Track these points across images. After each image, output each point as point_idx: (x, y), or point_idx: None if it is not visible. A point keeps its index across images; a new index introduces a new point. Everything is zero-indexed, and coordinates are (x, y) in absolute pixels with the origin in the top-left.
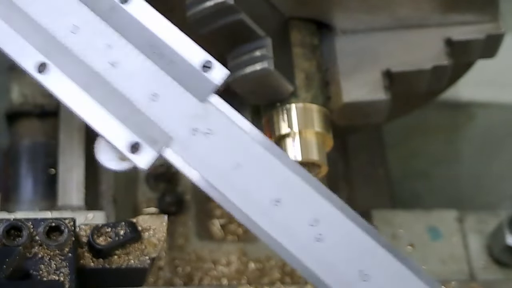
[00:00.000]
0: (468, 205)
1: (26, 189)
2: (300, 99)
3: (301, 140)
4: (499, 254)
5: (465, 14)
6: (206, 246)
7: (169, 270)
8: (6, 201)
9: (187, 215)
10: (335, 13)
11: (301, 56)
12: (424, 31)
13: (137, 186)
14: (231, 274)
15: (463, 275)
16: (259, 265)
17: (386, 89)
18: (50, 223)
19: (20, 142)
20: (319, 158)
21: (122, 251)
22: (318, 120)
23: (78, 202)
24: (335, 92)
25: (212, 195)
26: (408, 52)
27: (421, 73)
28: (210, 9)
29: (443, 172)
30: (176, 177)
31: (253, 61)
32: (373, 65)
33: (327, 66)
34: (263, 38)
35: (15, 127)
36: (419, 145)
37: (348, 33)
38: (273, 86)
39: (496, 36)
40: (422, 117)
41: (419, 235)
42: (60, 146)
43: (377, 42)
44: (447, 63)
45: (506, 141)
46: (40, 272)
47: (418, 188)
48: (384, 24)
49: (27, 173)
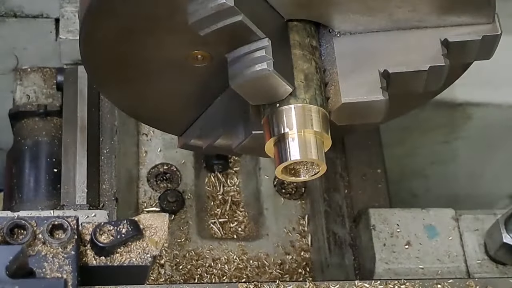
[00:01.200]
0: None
1: (29, 188)
2: (299, 99)
3: (300, 140)
4: (496, 252)
5: (462, 15)
6: (207, 244)
7: (170, 268)
8: (9, 200)
9: (187, 214)
10: (334, 15)
11: (300, 57)
12: (421, 33)
13: (138, 185)
14: (231, 272)
15: (460, 273)
16: (259, 263)
17: (384, 90)
18: (53, 221)
19: (23, 141)
20: (318, 157)
21: (124, 249)
22: (317, 120)
23: (80, 201)
24: (333, 93)
25: None
26: (405, 53)
27: (418, 74)
28: (210, 11)
29: (440, 172)
30: (177, 176)
31: (253, 62)
32: (371, 66)
33: (325, 67)
34: (262, 39)
35: (18, 126)
36: (416, 144)
37: (347, 34)
38: (273, 87)
39: (492, 37)
40: (420, 117)
41: (417, 234)
42: (63, 145)
43: (375, 44)
44: (444, 64)
45: (502, 141)
46: (43, 270)
47: (416, 187)
48: (382, 26)
49: (30, 172)
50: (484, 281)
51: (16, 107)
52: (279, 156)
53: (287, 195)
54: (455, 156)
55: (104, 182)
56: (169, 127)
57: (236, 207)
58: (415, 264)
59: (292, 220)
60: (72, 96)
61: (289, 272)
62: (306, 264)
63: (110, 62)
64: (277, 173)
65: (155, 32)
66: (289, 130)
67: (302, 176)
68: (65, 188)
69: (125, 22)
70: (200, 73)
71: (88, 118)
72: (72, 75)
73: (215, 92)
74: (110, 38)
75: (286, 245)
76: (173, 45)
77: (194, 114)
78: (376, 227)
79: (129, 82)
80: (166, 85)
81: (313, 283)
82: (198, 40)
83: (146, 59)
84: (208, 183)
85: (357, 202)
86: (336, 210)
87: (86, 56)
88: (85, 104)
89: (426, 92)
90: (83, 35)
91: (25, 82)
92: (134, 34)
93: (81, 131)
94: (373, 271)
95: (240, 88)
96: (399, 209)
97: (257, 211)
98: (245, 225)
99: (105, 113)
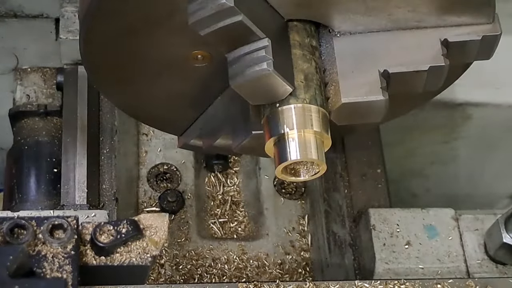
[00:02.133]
0: (465, 204)
1: (29, 188)
2: (299, 99)
3: (300, 140)
4: (495, 252)
5: (462, 15)
6: (207, 244)
7: (170, 268)
8: (9, 200)
9: (187, 214)
10: (334, 15)
11: (300, 57)
12: (421, 33)
13: (138, 185)
14: (231, 272)
15: (460, 273)
16: (259, 263)
17: (384, 90)
18: (53, 221)
19: (24, 141)
20: (318, 157)
21: (124, 248)
22: (317, 120)
23: (80, 201)
24: (333, 93)
25: None
26: (405, 53)
27: (418, 74)
28: (210, 11)
29: (440, 172)
30: (177, 176)
31: (253, 62)
32: (371, 66)
33: (325, 67)
34: (262, 39)
35: (18, 126)
36: (416, 144)
37: (347, 34)
38: (273, 86)
39: (492, 37)
40: (419, 117)
41: (416, 234)
42: (63, 145)
43: (375, 44)
44: (444, 64)
45: (502, 141)
46: (44, 270)
47: (415, 187)
48: (382, 26)
49: (30, 172)
50: (484, 281)
51: (16, 107)
52: (279, 156)
53: (287, 195)
54: (455, 156)
55: (104, 182)
56: (169, 127)
57: (236, 207)
58: (415, 264)
59: (292, 220)
60: (72, 96)
61: (289, 272)
62: (306, 264)
63: (110, 62)
64: (277, 173)
65: (155, 32)
66: (289, 130)
67: (302, 176)
68: (65, 188)
69: (125, 22)
70: (200, 73)
71: (88, 118)
72: (72, 75)
73: (215, 92)
74: (110, 38)
75: (286, 245)
76: (173, 45)
77: (194, 114)
78: (376, 227)
79: (129, 82)
80: (166, 85)
81: (313, 283)
82: (198, 40)
83: (146, 59)
84: (208, 183)
85: (357, 202)
86: (336, 210)
87: (86, 56)
88: (85, 104)
89: (426, 92)
90: (83, 35)
91: (25, 82)
92: (134, 34)
93: (81, 131)
94: (373, 271)
95: (240, 88)
96: (399, 209)
97: (257, 211)
98: (245, 225)
99: (105, 113)
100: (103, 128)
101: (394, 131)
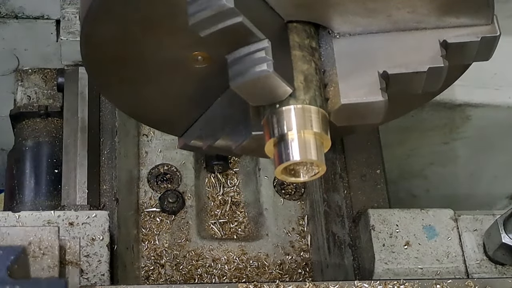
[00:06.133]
0: (464, 205)
1: (30, 188)
2: (299, 100)
3: (300, 140)
4: (494, 253)
5: (461, 17)
6: (207, 244)
7: (170, 268)
8: (10, 200)
9: (188, 214)
10: (333, 17)
11: (300, 58)
12: (420, 34)
13: (139, 186)
14: (231, 272)
15: (459, 273)
16: (259, 264)
17: (383, 91)
18: None
19: (24, 142)
20: (318, 158)
21: None
22: (317, 121)
23: (81, 201)
24: (333, 94)
25: None
26: (404, 54)
27: (417, 75)
28: (210, 12)
29: (439, 172)
30: (177, 176)
31: (253, 63)
32: (370, 67)
33: (325, 68)
34: (262, 40)
35: (19, 127)
36: (415, 145)
37: (346, 35)
38: (273, 87)
39: (491, 38)
40: (419, 118)
41: (416, 234)
42: (64, 146)
43: (374, 45)
44: (443, 65)
45: (501, 142)
46: None
47: (415, 188)
48: (381, 27)
49: (31, 173)
50: (483, 281)
51: (17, 108)
52: (279, 156)
53: (286, 195)
54: (454, 156)
55: (104, 182)
56: (169, 128)
57: (236, 208)
58: (414, 264)
59: (292, 220)
60: (72, 97)
61: (288, 272)
62: (305, 264)
63: (110, 63)
64: (277, 174)
65: (155, 33)
66: (289, 131)
67: (301, 177)
68: (65, 189)
69: (125, 24)
70: (200, 74)
71: (89, 119)
72: (73, 76)
73: (215, 93)
74: (110, 40)
75: (286, 245)
76: (173, 47)
77: (194, 115)
78: (375, 227)
79: (130, 83)
80: (166, 86)
81: (312, 283)
82: (198, 41)
83: (147, 61)
84: (208, 183)
85: (357, 202)
86: (335, 211)
87: (86, 57)
88: (86, 105)
89: (425, 93)
90: (84, 36)
91: (26, 83)
92: (134, 35)
93: (82, 131)
94: (373, 271)
95: (240, 89)
96: (398, 209)
97: (257, 211)
98: (245, 226)
99: (105, 114)
100: (103, 129)
101: (393, 131)
